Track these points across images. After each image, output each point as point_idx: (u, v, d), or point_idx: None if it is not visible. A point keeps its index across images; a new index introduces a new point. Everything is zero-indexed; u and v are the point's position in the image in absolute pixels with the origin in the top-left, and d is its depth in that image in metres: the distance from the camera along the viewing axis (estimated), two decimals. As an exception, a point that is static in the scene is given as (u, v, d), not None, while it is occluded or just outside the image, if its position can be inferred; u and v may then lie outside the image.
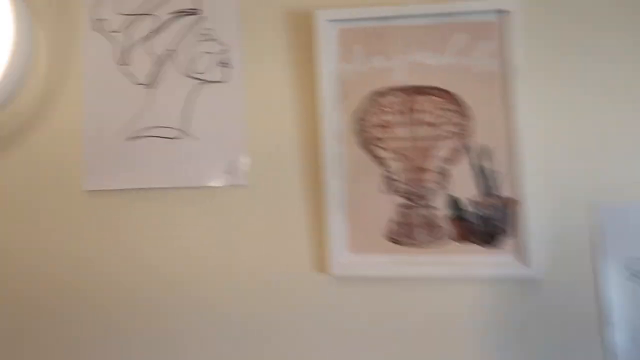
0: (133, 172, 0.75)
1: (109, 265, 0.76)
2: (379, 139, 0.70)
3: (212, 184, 0.74)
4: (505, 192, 0.67)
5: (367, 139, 0.70)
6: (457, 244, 0.68)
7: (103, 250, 0.76)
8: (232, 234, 0.74)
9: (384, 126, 0.70)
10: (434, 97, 0.69)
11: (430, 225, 0.69)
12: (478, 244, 0.68)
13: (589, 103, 0.68)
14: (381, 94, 0.70)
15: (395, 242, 0.70)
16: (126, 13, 0.77)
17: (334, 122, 0.70)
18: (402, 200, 0.69)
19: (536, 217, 0.66)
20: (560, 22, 0.69)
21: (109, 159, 0.76)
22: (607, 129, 0.67)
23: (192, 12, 0.76)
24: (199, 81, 0.75)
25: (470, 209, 0.68)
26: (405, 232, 0.69)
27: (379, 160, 0.70)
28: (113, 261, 0.76)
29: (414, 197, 0.69)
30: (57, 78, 0.78)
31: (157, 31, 0.76)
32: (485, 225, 0.68)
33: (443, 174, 0.69)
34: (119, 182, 0.76)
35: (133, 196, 0.76)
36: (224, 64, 0.74)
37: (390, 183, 0.70)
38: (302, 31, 0.73)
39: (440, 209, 0.68)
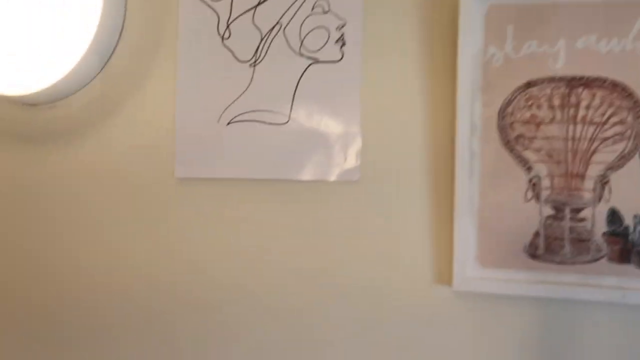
0: (231, 160, 0.67)
1: (195, 258, 0.69)
2: (527, 137, 0.59)
3: (319, 177, 0.66)
4: (682, 208, 0.57)
5: (513, 136, 0.59)
6: (613, 265, 0.59)
7: (192, 241, 0.69)
8: (338, 235, 0.65)
9: (535, 123, 0.59)
10: (602, 91, 0.57)
11: (582, 241, 0.59)
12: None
13: None
14: (535, 84, 0.59)
15: (535, 257, 0.60)
16: (229, -22, 0.68)
17: (474, 114, 0.60)
18: (548, 210, 0.60)
19: None
20: None
21: (204, 144, 0.68)
22: None
23: (305, -22, 0.66)
24: (309, 59, 0.65)
25: (635, 225, 0.58)
26: (550, 247, 0.60)
27: (525, 163, 0.60)
28: (200, 253, 0.69)
29: (564, 208, 0.59)
30: (149, 49, 0.70)
31: (264, 1, 0.67)
32: (652, 245, 0.58)
33: (604, 183, 0.58)
34: (214, 171, 0.68)
35: (229, 186, 0.68)
36: (339, 41, 0.65)
37: (536, 189, 0.60)
38: (438, 5, 0.62)
39: (596, 224, 0.59)
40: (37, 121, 0.73)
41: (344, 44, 0.64)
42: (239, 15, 0.67)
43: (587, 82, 0.57)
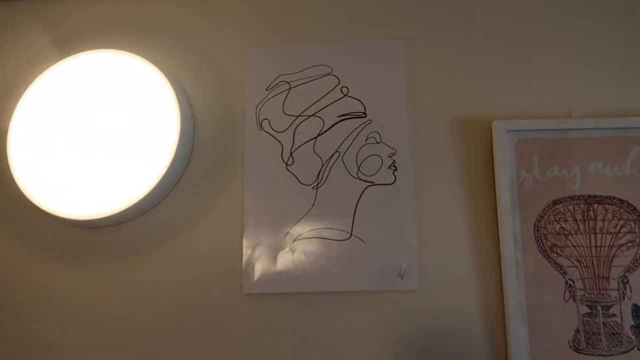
0: (298, 275, 0.72)
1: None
2: (559, 246, 0.70)
3: (382, 288, 0.72)
4: (689, 301, 0.69)
5: (547, 245, 0.70)
6: (643, 353, 0.68)
7: (260, 356, 0.72)
8: (404, 339, 0.70)
9: (564, 234, 0.71)
10: (612, 207, 0.71)
11: (615, 335, 0.69)
12: (664, 354, 0.68)
13: None
14: (560, 202, 0.71)
15: (579, 351, 0.69)
16: (291, 114, 0.77)
17: (515, 228, 0.71)
18: (584, 308, 0.69)
19: None
20: None
21: (272, 261, 0.73)
22: None
23: (358, 115, 0.77)
24: (366, 182, 0.74)
25: (655, 318, 0.69)
26: (589, 341, 0.69)
27: (560, 268, 0.70)
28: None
29: (596, 305, 0.69)
30: (218, 175, 0.76)
31: (323, 132, 0.76)
32: (671, 335, 0.68)
33: (624, 283, 0.70)
34: (282, 286, 0.72)
35: (296, 300, 0.72)
36: (391, 167, 0.75)
37: (572, 290, 0.70)
38: (475, 137, 0.75)
39: (624, 318, 0.69)
40: (102, 243, 0.75)
41: (395, 169, 0.74)
42: (301, 145, 0.76)
43: (600, 200, 0.71)
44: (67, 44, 0.82)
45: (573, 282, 0.70)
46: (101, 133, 0.74)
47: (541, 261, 0.71)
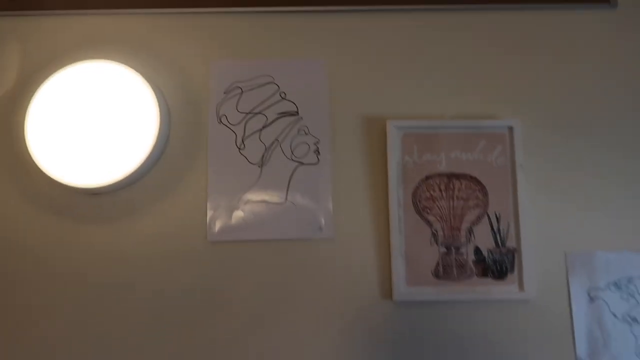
0: (247, 227, 1.01)
1: (228, 305, 1.00)
2: (428, 208, 1.01)
3: (307, 237, 1.01)
4: (511, 244, 1.01)
5: (420, 207, 1.01)
6: (479, 278, 1.01)
7: (223, 290, 1.01)
8: (321, 274, 1.02)
9: (432, 199, 1.01)
10: (465, 181, 1.02)
11: (462, 266, 1.01)
12: (492, 278, 1.01)
13: (567, 188, 1.05)
14: (431, 177, 1.02)
15: (438, 277, 1.01)
16: (243, 111, 1.03)
17: (399, 196, 1.01)
18: (443, 249, 1.01)
19: (530, 260, 1.00)
20: (549, 134, 1.06)
21: (229, 218, 1.01)
22: (578, 208, 1.04)
23: (292, 113, 1.03)
24: (297, 163, 1.02)
25: (487, 255, 1.01)
26: (445, 271, 1.01)
27: (428, 223, 1.01)
28: (229, 300, 1.00)
29: (451, 247, 1.01)
30: (188, 156, 1.03)
31: (266, 126, 1.03)
32: (497, 265, 1.01)
33: (470, 232, 1.01)
34: (236, 235, 1.01)
35: (246, 245, 1.02)
36: (316, 151, 1.03)
37: (435, 238, 1.01)
38: (375, 131, 1.05)
39: (469, 255, 1.01)
40: (100, 206, 1.02)
41: (319, 153, 1.03)
42: (250, 134, 1.02)
43: (458, 176, 1.02)
44: (67, 54, 1.06)
45: (437, 232, 1.02)
46: (99, 125, 0.99)
47: (416, 218, 1.02)
